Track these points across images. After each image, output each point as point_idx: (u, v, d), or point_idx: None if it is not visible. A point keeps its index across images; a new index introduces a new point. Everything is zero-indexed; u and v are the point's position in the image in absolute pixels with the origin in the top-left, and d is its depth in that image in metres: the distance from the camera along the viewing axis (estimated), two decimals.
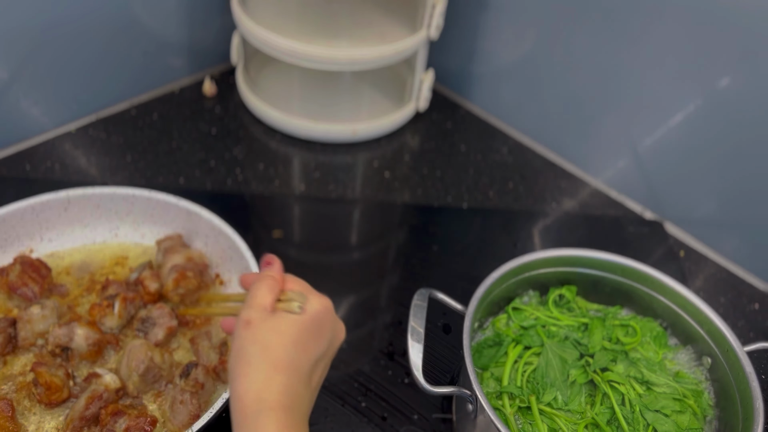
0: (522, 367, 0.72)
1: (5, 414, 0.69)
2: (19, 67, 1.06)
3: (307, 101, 1.20)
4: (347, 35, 1.11)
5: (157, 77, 1.26)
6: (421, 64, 1.19)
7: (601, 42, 1.07)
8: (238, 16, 1.13)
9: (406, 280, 0.97)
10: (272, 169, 1.13)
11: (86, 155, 1.10)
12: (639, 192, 1.14)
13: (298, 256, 0.99)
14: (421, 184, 1.13)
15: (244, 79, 1.25)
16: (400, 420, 0.79)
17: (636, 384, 0.71)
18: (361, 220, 1.07)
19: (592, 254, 0.80)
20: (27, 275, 0.81)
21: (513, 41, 1.20)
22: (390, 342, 0.88)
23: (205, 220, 0.87)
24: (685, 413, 0.69)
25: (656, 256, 1.05)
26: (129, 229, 0.91)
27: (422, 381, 0.66)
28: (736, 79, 0.94)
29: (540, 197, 1.14)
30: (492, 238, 1.05)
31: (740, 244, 1.05)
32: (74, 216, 0.89)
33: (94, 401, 0.69)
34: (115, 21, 1.13)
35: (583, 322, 0.77)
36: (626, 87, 1.07)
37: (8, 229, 0.85)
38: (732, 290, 1.01)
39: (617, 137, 1.12)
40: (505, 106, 1.28)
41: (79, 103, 1.17)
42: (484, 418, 0.65)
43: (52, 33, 1.06)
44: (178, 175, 1.09)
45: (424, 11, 1.12)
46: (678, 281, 0.78)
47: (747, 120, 0.96)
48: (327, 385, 0.81)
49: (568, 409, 0.69)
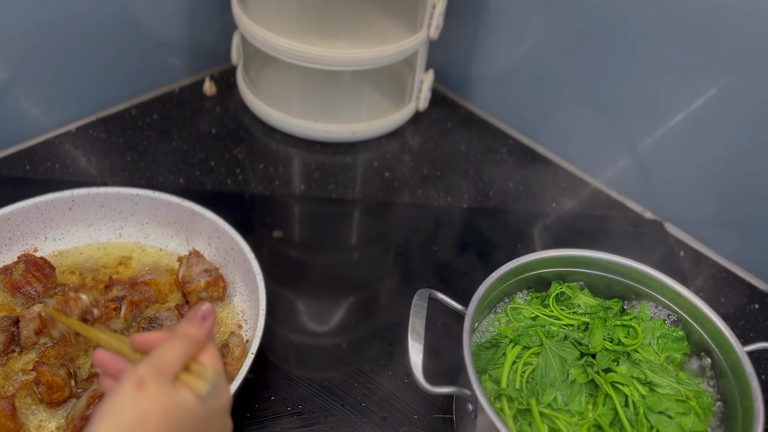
0: (521, 368, 0.72)
1: (6, 413, 0.69)
2: (19, 67, 1.06)
3: (307, 101, 1.20)
4: (347, 35, 1.11)
5: (157, 77, 1.26)
6: (421, 64, 1.20)
7: (601, 42, 1.07)
8: (238, 16, 1.13)
9: (406, 280, 0.97)
10: (272, 169, 1.13)
11: (86, 155, 1.11)
12: (639, 192, 1.14)
13: (298, 256, 0.99)
14: (421, 184, 1.13)
15: (244, 79, 1.25)
16: (400, 420, 0.79)
17: (639, 385, 0.71)
18: (361, 220, 1.07)
19: (592, 254, 0.80)
20: (31, 274, 0.81)
21: (513, 41, 1.20)
22: (390, 342, 0.88)
23: (209, 221, 0.87)
24: (689, 415, 0.69)
25: (656, 256, 1.05)
26: (133, 229, 0.92)
27: (422, 381, 0.66)
28: (736, 80, 0.95)
29: (540, 197, 1.14)
30: (492, 238, 1.05)
31: (740, 244, 1.05)
32: (78, 216, 0.89)
33: (95, 401, 0.69)
34: (115, 21, 1.13)
35: (584, 322, 0.77)
36: (626, 87, 1.07)
37: (12, 227, 0.86)
38: (732, 290, 1.01)
39: (617, 137, 1.12)
40: (505, 106, 1.28)
41: (79, 103, 1.17)
42: (484, 418, 0.65)
43: (52, 33, 1.06)
44: (179, 175, 1.09)
45: (424, 11, 1.12)
46: (678, 281, 0.78)
47: (747, 120, 0.96)
48: (327, 384, 0.82)
49: (568, 409, 0.69)
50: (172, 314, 0.80)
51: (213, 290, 0.83)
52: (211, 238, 0.88)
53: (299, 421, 0.78)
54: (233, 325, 0.83)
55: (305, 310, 0.91)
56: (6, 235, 0.85)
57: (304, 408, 0.79)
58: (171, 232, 0.91)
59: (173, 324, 0.79)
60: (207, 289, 0.82)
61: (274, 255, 0.98)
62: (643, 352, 0.75)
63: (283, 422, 0.77)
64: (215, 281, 0.83)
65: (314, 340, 0.88)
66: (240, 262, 0.85)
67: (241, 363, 0.74)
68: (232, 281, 0.87)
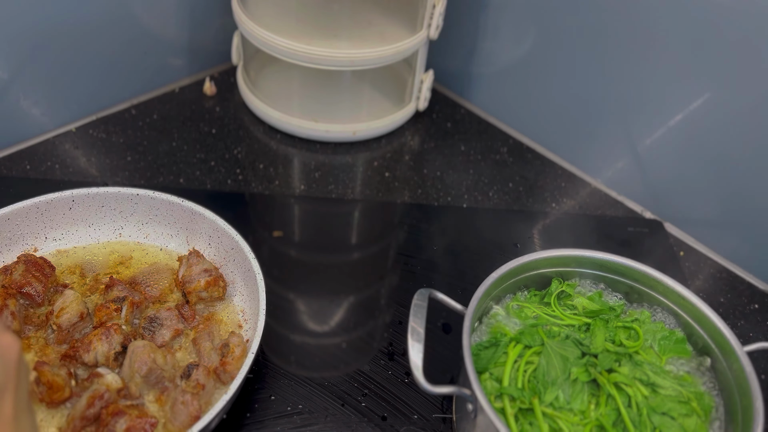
0: (523, 367, 0.72)
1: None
2: (19, 67, 1.06)
3: (307, 101, 1.20)
4: (347, 35, 1.11)
5: (157, 77, 1.26)
6: (421, 64, 1.20)
7: (601, 42, 1.07)
8: (238, 16, 1.13)
9: (406, 280, 0.97)
10: (272, 169, 1.13)
11: (86, 155, 1.11)
12: (639, 192, 1.14)
13: (298, 256, 0.99)
14: (421, 184, 1.13)
15: (244, 79, 1.25)
16: (400, 420, 0.79)
17: (641, 386, 0.71)
18: (361, 220, 1.07)
19: (592, 254, 0.80)
20: (31, 274, 0.81)
21: (513, 41, 1.20)
22: (390, 342, 0.88)
23: (209, 221, 0.87)
24: (691, 417, 0.68)
25: (656, 256, 1.05)
26: (133, 229, 0.92)
27: (422, 381, 0.66)
28: (736, 80, 0.95)
29: (540, 197, 1.14)
30: (492, 238, 1.05)
31: (740, 244, 1.05)
32: (79, 215, 0.89)
33: (95, 401, 0.69)
34: (115, 21, 1.13)
35: (586, 322, 0.77)
36: (626, 87, 1.08)
37: (12, 227, 0.85)
38: (732, 290, 1.01)
39: (617, 137, 1.12)
40: (505, 106, 1.28)
41: (79, 103, 1.17)
42: (484, 418, 0.65)
43: (52, 33, 1.07)
44: (179, 175, 1.09)
45: (424, 11, 1.12)
46: (678, 281, 0.78)
47: (747, 120, 0.96)
48: (327, 384, 0.82)
49: (570, 408, 0.69)
50: (172, 314, 0.80)
51: (213, 290, 0.83)
52: (211, 238, 0.88)
53: (299, 421, 0.78)
54: (233, 325, 0.83)
55: (305, 310, 0.91)
56: (6, 235, 0.85)
57: (304, 408, 0.79)
58: (171, 232, 0.91)
59: (173, 324, 0.79)
60: (207, 289, 0.82)
61: (274, 255, 0.98)
62: (644, 354, 0.75)
63: (283, 422, 0.77)
64: (215, 281, 0.83)
65: (314, 340, 0.88)
66: (240, 262, 0.85)
67: (241, 363, 0.74)
68: (232, 281, 0.87)
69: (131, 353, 0.74)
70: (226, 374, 0.74)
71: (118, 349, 0.74)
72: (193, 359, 0.77)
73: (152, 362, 0.73)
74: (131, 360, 0.73)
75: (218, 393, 0.74)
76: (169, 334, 0.78)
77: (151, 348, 0.74)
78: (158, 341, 0.78)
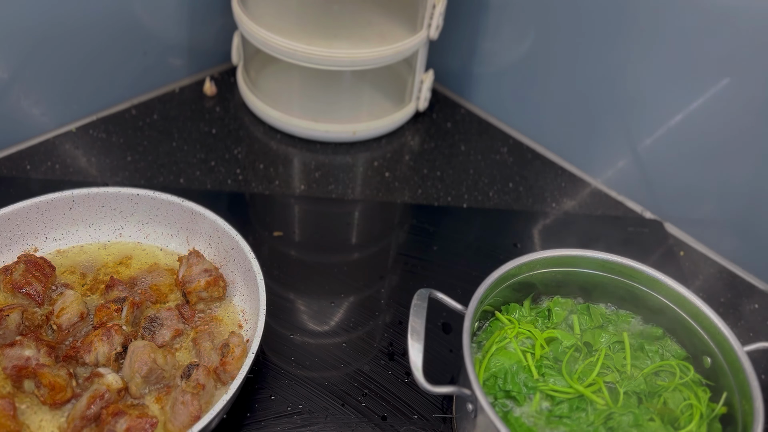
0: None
1: (7, 413, 0.69)
2: (19, 67, 1.06)
3: (307, 101, 1.20)
4: (347, 35, 1.11)
5: (158, 77, 1.26)
6: (421, 64, 1.20)
7: (601, 42, 1.07)
8: (238, 16, 1.13)
9: (406, 280, 0.97)
10: (272, 169, 1.13)
11: (86, 155, 1.11)
12: (639, 192, 1.14)
13: (298, 256, 0.99)
14: (421, 184, 1.13)
15: (244, 79, 1.25)
16: (400, 420, 0.79)
17: None
18: (361, 220, 1.08)
19: (592, 254, 0.80)
20: (31, 274, 0.81)
21: (513, 41, 1.20)
22: (390, 342, 0.88)
23: (209, 221, 0.87)
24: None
25: (656, 256, 1.05)
26: (133, 229, 0.92)
27: (422, 381, 0.66)
28: (736, 80, 0.95)
29: (540, 197, 1.14)
30: (492, 238, 1.05)
31: (740, 244, 1.05)
32: (79, 215, 0.89)
33: (95, 401, 0.69)
34: (115, 21, 1.13)
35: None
36: (626, 87, 1.08)
37: (13, 227, 0.86)
38: (732, 290, 1.01)
39: (617, 137, 1.12)
40: (505, 106, 1.28)
41: (79, 103, 1.17)
42: (484, 418, 0.65)
43: (52, 33, 1.07)
44: (179, 175, 1.09)
45: (424, 11, 1.12)
46: (678, 281, 0.78)
47: (747, 120, 0.96)
48: (327, 384, 0.82)
49: None
50: (173, 314, 0.80)
51: (213, 290, 0.83)
52: (211, 238, 0.88)
53: (299, 421, 0.78)
54: (233, 325, 0.83)
55: (305, 310, 0.91)
56: (6, 235, 0.85)
57: (304, 408, 0.79)
58: (171, 232, 0.91)
59: (173, 324, 0.79)
60: (207, 289, 0.82)
61: (274, 255, 0.98)
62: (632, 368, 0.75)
63: (283, 422, 0.77)
64: (215, 281, 0.83)
65: (314, 340, 0.88)
66: (240, 262, 0.85)
67: (241, 363, 0.74)
68: (232, 281, 0.87)
69: (131, 353, 0.74)
70: (226, 374, 0.74)
71: (118, 350, 0.74)
72: (193, 359, 0.77)
73: (152, 362, 0.73)
74: (132, 360, 0.73)
75: (218, 393, 0.74)
76: (170, 334, 0.78)
77: (152, 348, 0.74)
78: (158, 341, 0.78)
